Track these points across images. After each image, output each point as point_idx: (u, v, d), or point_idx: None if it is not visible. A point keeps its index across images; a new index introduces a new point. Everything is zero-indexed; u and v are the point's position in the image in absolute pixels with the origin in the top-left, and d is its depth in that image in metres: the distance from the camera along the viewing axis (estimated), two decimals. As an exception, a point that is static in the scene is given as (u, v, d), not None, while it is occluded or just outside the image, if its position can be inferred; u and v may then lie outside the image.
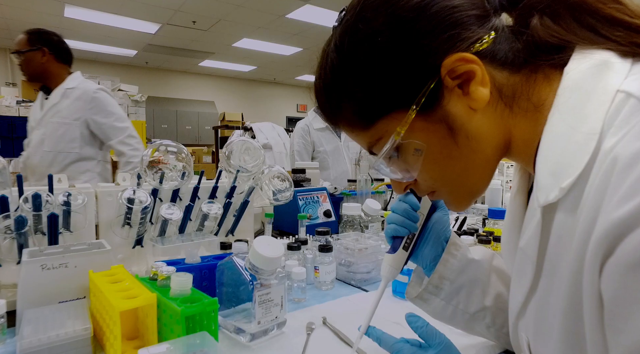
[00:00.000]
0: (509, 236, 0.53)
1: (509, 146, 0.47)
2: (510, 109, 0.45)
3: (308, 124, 2.86)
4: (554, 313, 0.39)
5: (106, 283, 0.69)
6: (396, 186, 0.54)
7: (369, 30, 0.44)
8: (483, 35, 0.43)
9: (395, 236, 0.64)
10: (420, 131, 0.45)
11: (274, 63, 8.49)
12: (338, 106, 0.49)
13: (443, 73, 0.43)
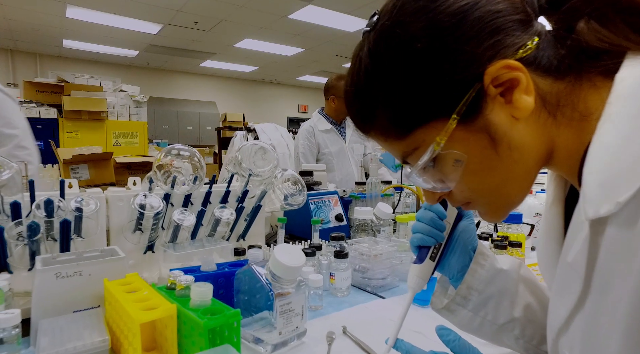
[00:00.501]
0: (547, 248, 0.51)
1: (550, 156, 0.45)
2: (554, 118, 0.43)
3: (313, 125, 2.84)
4: (610, 333, 0.37)
5: (122, 292, 0.67)
6: (429, 196, 0.52)
7: (407, 36, 0.42)
8: (527, 40, 0.41)
9: (422, 245, 0.62)
10: (460, 141, 0.43)
11: (276, 63, 8.47)
12: (372, 113, 0.47)
13: (487, 81, 0.41)
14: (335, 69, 8.84)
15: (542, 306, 0.63)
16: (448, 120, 0.43)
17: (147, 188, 0.97)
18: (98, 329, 0.65)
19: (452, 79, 0.41)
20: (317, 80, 10.19)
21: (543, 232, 0.52)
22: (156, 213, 0.92)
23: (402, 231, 1.36)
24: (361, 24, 5.96)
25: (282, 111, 10.56)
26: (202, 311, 0.60)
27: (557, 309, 0.46)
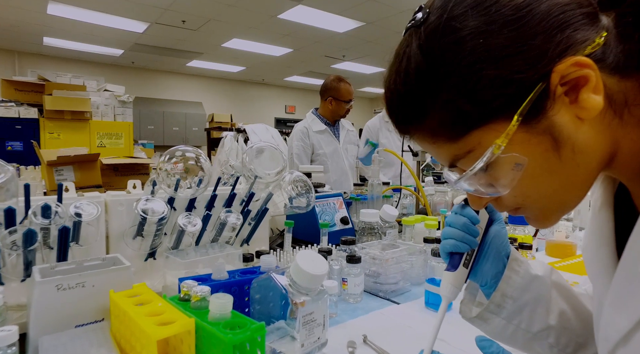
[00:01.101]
0: (598, 254, 0.48)
1: (612, 159, 0.43)
2: (620, 118, 0.40)
3: (307, 126, 2.81)
4: None
5: (132, 305, 0.62)
6: (476, 201, 0.49)
7: (467, 32, 0.39)
8: (594, 36, 0.38)
9: (454, 252, 0.59)
10: (521, 143, 0.40)
11: (264, 64, 8.39)
12: (423, 114, 0.43)
13: (555, 79, 0.38)
14: (323, 70, 8.81)
15: (575, 312, 0.61)
16: (508, 121, 0.39)
17: (149, 192, 0.92)
18: (106, 346, 0.60)
19: (516, 78, 0.38)
20: (305, 81, 10.15)
21: (593, 237, 0.50)
22: (160, 218, 0.87)
23: (407, 233, 1.34)
24: (351, 25, 5.96)
25: (270, 111, 10.49)
26: (223, 325, 0.56)
27: (617, 319, 0.43)
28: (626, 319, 0.42)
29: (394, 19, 5.74)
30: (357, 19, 5.79)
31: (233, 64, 8.40)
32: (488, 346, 0.51)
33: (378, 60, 8.07)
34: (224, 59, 8.03)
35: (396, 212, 1.36)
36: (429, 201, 1.94)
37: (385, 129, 3.28)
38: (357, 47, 7.28)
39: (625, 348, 0.43)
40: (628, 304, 0.41)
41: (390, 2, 5.06)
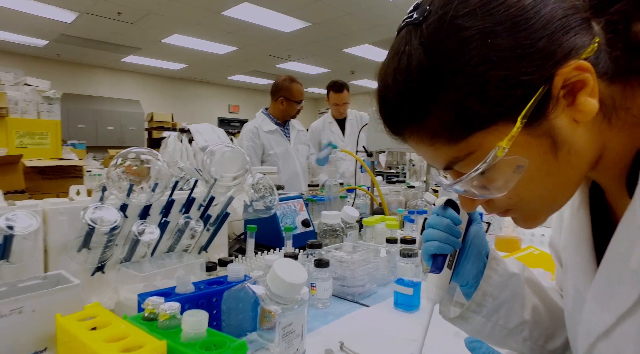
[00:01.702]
0: (579, 252, 0.50)
1: (599, 160, 0.44)
2: (608, 122, 0.42)
3: (257, 126, 2.74)
4: None
5: (86, 330, 0.55)
6: (468, 203, 0.49)
7: (474, 31, 0.38)
8: (590, 41, 0.39)
9: (438, 254, 0.59)
10: (522, 145, 0.40)
11: (206, 61, 8.11)
12: (424, 114, 0.42)
13: (558, 82, 0.38)
14: (268, 69, 8.71)
15: (545, 306, 0.64)
16: (511, 123, 0.39)
17: (98, 198, 0.83)
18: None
19: (523, 80, 0.38)
20: (249, 80, 9.97)
21: (573, 236, 0.52)
22: (112, 227, 0.78)
23: (368, 233, 1.35)
24: (297, 25, 5.94)
25: (212, 111, 10.16)
26: (199, 346, 0.51)
27: (600, 314, 0.45)
28: (609, 315, 0.43)
29: (341, 21, 5.82)
30: (304, 19, 5.79)
31: (174, 61, 8.02)
32: (478, 348, 0.51)
33: (323, 61, 8.14)
34: (164, 56, 7.64)
35: (357, 213, 1.36)
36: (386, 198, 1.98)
37: (329, 130, 3.32)
38: (302, 48, 7.28)
39: (607, 341, 0.45)
40: (611, 300, 0.43)
41: (337, 3, 5.12)
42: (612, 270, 0.43)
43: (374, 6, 5.23)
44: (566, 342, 0.63)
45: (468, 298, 0.63)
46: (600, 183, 0.49)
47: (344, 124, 3.34)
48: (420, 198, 1.94)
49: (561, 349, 0.64)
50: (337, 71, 8.71)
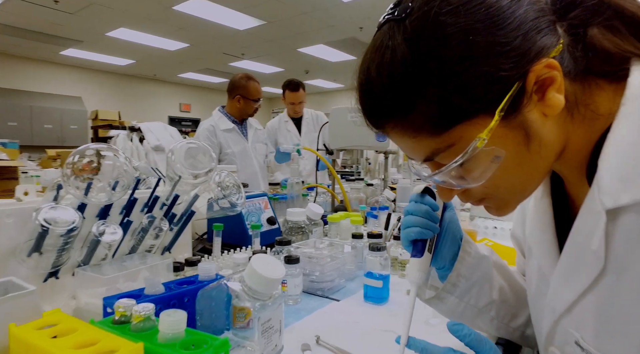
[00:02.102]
0: (543, 237, 0.54)
1: (562, 152, 0.48)
2: (571, 116, 0.46)
3: (214, 124, 2.67)
4: (633, 310, 0.41)
5: (47, 339, 0.51)
6: (446, 193, 0.51)
7: (457, 28, 0.40)
8: (557, 42, 0.43)
9: (418, 239, 0.61)
10: (500, 137, 0.43)
11: (156, 58, 7.76)
12: (408, 107, 0.43)
13: (531, 78, 0.41)
14: (221, 67, 8.51)
15: (511, 287, 0.69)
16: (489, 116, 0.42)
17: (51, 198, 0.77)
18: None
19: (502, 75, 0.41)
20: (201, 78, 9.68)
21: (537, 223, 0.56)
22: (70, 229, 0.73)
23: (333, 230, 1.36)
24: (251, 22, 5.86)
25: (163, 109, 9.75)
26: (179, 345, 0.49)
27: (563, 293, 0.49)
28: (571, 292, 0.47)
29: (296, 20, 5.82)
30: (258, 17, 5.72)
31: (120, 56, 7.60)
32: (460, 329, 0.53)
33: (278, 60, 8.09)
34: (109, 50, 7.21)
35: (321, 210, 1.37)
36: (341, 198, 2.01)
37: (285, 129, 3.31)
38: (257, 46, 7.19)
39: (569, 316, 0.49)
40: (573, 280, 0.47)
41: (292, 2, 5.12)
42: (575, 252, 0.47)
43: (329, 6, 5.29)
44: (527, 320, 0.68)
45: (443, 280, 0.66)
46: (562, 174, 0.53)
47: (300, 123, 3.35)
48: (379, 195, 2.00)
49: (523, 327, 0.69)
50: (291, 71, 8.70)
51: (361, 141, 1.79)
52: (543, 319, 0.54)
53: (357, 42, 6.82)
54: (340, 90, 11.09)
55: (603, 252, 0.42)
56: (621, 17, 0.45)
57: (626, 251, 0.41)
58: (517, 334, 0.70)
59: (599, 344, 0.45)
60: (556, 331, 0.51)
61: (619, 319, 0.42)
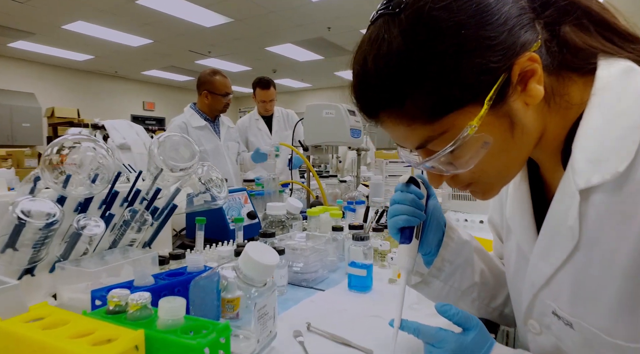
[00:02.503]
0: (523, 218, 0.58)
1: (540, 139, 0.52)
2: (548, 106, 0.50)
3: (185, 121, 2.62)
4: (603, 279, 0.45)
5: (38, 330, 0.49)
6: (436, 179, 0.54)
7: (452, 22, 0.43)
8: (536, 38, 0.47)
9: (406, 226, 0.64)
10: (488, 124, 0.46)
11: (117, 54, 7.46)
12: (405, 96, 0.46)
13: (516, 70, 0.45)
14: (187, 65, 8.31)
15: (490, 270, 0.73)
16: (479, 105, 0.45)
17: (27, 191, 0.73)
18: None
19: (492, 67, 0.44)
20: (166, 76, 9.41)
21: (517, 205, 0.60)
22: (50, 223, 0.70)
23: (313, 223, 1.38)
24: (219, 20, 5.77)
25: (125, 107, 9.38)
26: (180, 331, 0.49)
27: (541, 267, 0.53)
28: (549, 266, 0.52)
29: (264, 18, 5.78)
30: (226, 15, 5.64)
31: (78, 50, 7.24)
32: (447, 310, 0.57)
33: (245, 58, 8.00)
34: (65, 44, 6.85)
35: (301, 204, 1.38)
36: (316, 194, 2.03)
37: (255, 127, 3.30)
38: (224, 44, 7.08)
39: (547, 289, 0.53)
40: (550, 255, 0.51)
41: (261, 0, 5.08)
42: (552, 230, 0.51)
43: (298, 6, 5.30)
44: (505, 300, 0.73)
45: (428, 266, 0.69)
46: (538, 159, 0.58)
47: (271, 122, 3.34)
48: (353, 191, 2.04)
49: (501, 307, 0.73)
50: (258, 69, 8.62)
51: (336, 137, 1.81)
52: (522, 294, 0.58)
53: (325, 42, 6.87)
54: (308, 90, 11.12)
55: (577, 229, 0.47)
56: (589, 16, 0.50)
57: (597, 227, 0.45)
58: (496, 313, 0.74)
59: (573, 311, 0.49)
60: (535, 304, 0.55)
61: (591, 287, 0.47)
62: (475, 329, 0.55)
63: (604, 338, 0.45)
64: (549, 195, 0.57)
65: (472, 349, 0.54)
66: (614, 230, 0.44)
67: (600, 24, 0.50)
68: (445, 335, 0.55)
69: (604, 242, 0.45)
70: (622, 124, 0.44)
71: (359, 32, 6.26)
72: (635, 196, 0.42)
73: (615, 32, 0.50)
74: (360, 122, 1.88)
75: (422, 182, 0.68)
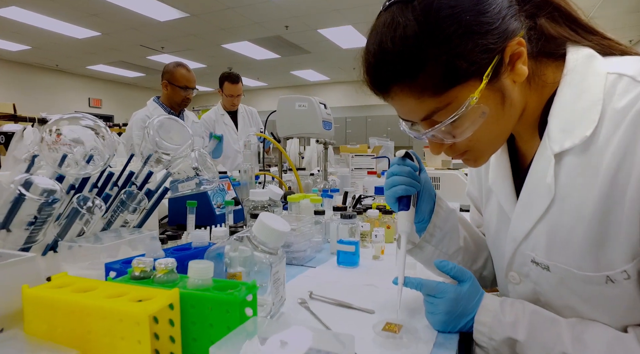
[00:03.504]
0: (504, 183, 0.68)
1: (522, 113, 0.61)
2: (529, 84, 0.60)
3: (148, 115, 2.55)
4: (575, 227, 0.54)
5: (73, 293, 0.50)
6: (436, 147, 0.62)
7: (459, 9, 0.51)
8: (522, 26, 0.56)
9: (404, 195, 0.71)
10: (485, 97, 0.54)
11: (59, 46, 6.98)
12: (418, 69, 0.53)
13: (508, 52, 0.54)
14: (138, 61, 7.95)
15: (471, 236, 0.82)
16: (478, 81, 0.53)
17: (24, 170, 0.72)
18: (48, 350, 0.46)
19: (491, 47, 0.52)
20: (114, 71, 8.93)
21: (499, 171, 0.69)
22: (51, 201, 0.69)
23: (294, 209, 1.42)
24: (173, 14, 5.60)
25: (68, 104, 8.79)
26: (213, 289, 0.52)
27: (521, 223, 0.62)
28: (528, 221, 0.61)
29: (221, 15, 5.70)
30: (181, 9, 5.49)
31: (11, 39, 6.69)
32: (445, 265, 0.64)
33: (200, 55, 7.82)
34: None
35: (281, 191, 1.42)
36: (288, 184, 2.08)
37: (222, 121, 3.27)
38: (178, 40, 6.88)
39: (526, 242, 0.62)
40: (530, 211, 0.61)
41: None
42: (532, 188, 0.61)
43: (256, 3, 5.28)
44: (484, 263, 0.82)
45: (420, 234, 0.77)
46: (517, 132, 0.67)
47: (236, 117, 3.33)
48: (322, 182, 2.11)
49: (481, 269, 0.82)
50: (214, 67, 8.46)
51: (308, 129, 1.86)
52: (504, 249, 0.67)
53: (282, 41, 6.89)
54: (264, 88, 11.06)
55: (553, 186, 0.56)
56: (559, 11, 0.61)
57: (568, 183, 0.55)
58: (476, 275, 0.83)
59: (549, 257, 0.58)
60: (515, 256, 0.65)
61: (564, 234, 0.56)
62: (470, 280, 0.63)
63: (576, 273, 0.55)
64: (523, 164, 0.67)
65: (467, 297, 0.62)
66: (582, 184, 0.54)
67: (567, 18, 0.61)
68: (445, 287, 0.63)
69: (574, 195, 0.55)
70: (587, 99, 0.54)
71: (316, 31, 6.34)
72: (599, 154, 0.52)
73: (579, 25, 0.61)
74: (331, 114, 1.95)
75: (415, 157, 0.75)
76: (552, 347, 0.55)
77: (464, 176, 1.91)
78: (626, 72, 0.53)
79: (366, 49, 0.58)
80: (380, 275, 0.93)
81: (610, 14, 5.46)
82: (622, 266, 0.51)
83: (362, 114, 10.00)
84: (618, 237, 0.51)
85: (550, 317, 0.58)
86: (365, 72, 0.59)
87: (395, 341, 0.59)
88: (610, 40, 0.61)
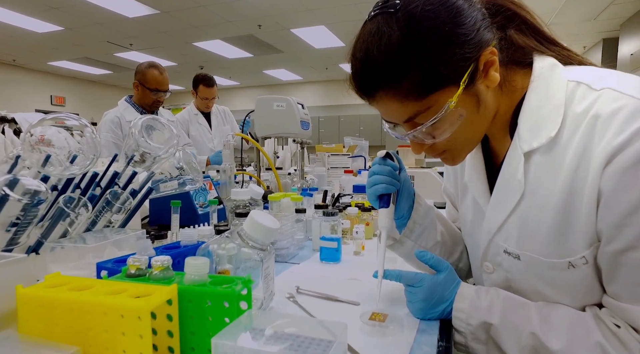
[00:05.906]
0: (479, 180, 0.73)
1: (495, 116, 0.67)
2: (500, 90, 0.65)
3: (119, 115, 2.49)
4: (541, 218, 0.60)
5: (71, 292, 0.51)
6: (417, 147, 0.66)
7: (440, 21, 0.56)
8: (494, 37, 0.61)
9: (384, 193, 0.75)
10: (462, 101, 0.59)
11: (15, 40, 6.64)
12: (402, 75, 0.56)
13: (482, 60, 0.59)
14: (105, 57, 7.68)
15: (447, 231, 0.87)
16: (456, 87, 0.58)
17: (6, 170, 0.71)
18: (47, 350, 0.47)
19: (466, 56, 0.57)
20: (79, 68, 8.58)
21: (474, 170, 0.74)
22: (36, 202, 0.68)
23: (275, 208, 1.44)
24: (142, 10, 5.46)
25: (28, 101, 8.37)
26: (210, 285, 0.53)
27: (495, 216, 0.67)
28: (501, 214, 0.66)
29: (192, 12, 5.60)
30: (150, 5, 5.36)
31: (-34, 34, 6.31)
32: (424, 255, 0.69)
33: (170, 53, 7.65)
34: (-50, 26, 5.93)
35: (262, 191, 1.43)
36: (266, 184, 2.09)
37: (196, 122, 3.24)
38: (147, 37, 6.71)
39: (500, 233, 0.68)
40: (502, 205, 0.66)
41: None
42: (504, 184, 0.66)
43: (228, 1, 5.23)
44: (459, 256, 0.88)
45: (400, 230, 0.81)
46: (491, 133, 0.73)
47: (209, 116, 3.30)
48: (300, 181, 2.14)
49: (457, 262, 0.88)
50: (185, 65, 8.30)
51: (287, 129, 1.88)
52: (480, 241, 0.72)
53: (255, 40, 6.85)
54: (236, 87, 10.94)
55: (523, 182, 0.62)
56: (525, 24, 0.67)
57: (536, 179, 0.61)
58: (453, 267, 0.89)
59: (519, 246, 0.64)
60: (489, 248, 0.70)
61: (532, 225, 0.62)
62: (446, 270, 0.68)
63: (542, 260, 0.61)
64: (496, 162, 0.73)
65: (444, 285, 0.67)
66: (548, 180, 0.60)
67: (533, 30, 0.67)
68: (422, 276, 0.68)
69: (541, 190, 0.60)
70: (552, 103, 0.60)
71: (289, 31, 6.35)
72: (562, 153, 0.58)
73: (543, 37, 0.67)
74: (309, 114, 1.98)
75: (395, 157, 0.80)
76: (523, 328, 0.60)
77: (438, 174, 1.98)
78: (583, 80, 0.59)
79: (353, 56, 0.61)
80: (362, 269, 0.97)
81: (567, 21, 5.78)
82: (582, 252, 0.57)
83: (334, 113, 10.08)
84: (578, 227, 0.57)
85: (520, 301, 0.64)
86: (352, 77, 0.63)
87: (382, 329, 0.63)
88: (569, 51, 0.68)
